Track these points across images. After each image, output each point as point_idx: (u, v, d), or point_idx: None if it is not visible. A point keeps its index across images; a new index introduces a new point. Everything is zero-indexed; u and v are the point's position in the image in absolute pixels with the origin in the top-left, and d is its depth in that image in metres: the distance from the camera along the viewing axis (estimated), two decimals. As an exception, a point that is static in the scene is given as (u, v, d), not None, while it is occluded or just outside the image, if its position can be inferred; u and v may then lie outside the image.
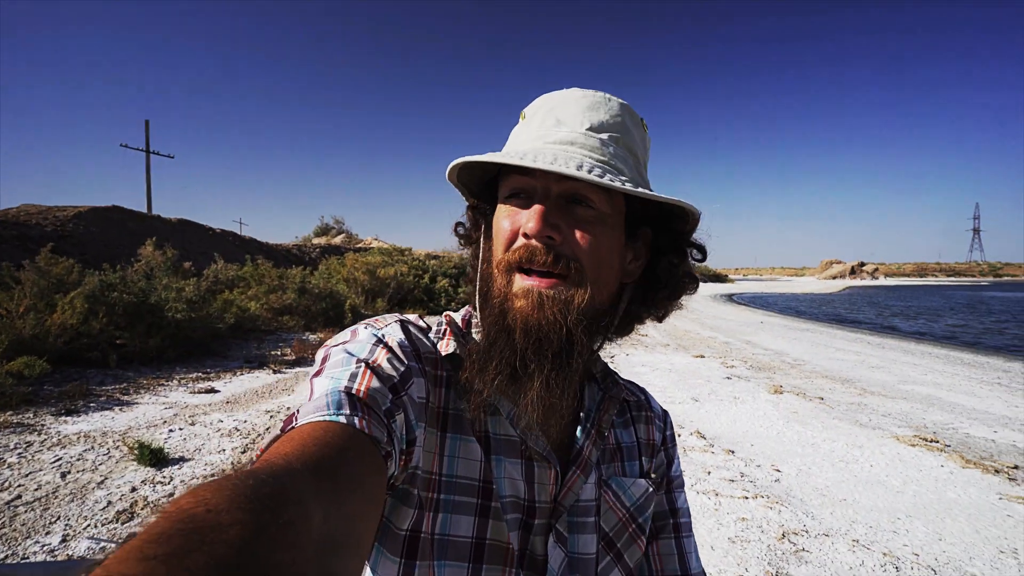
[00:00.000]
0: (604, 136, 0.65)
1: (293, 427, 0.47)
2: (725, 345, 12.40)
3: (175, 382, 6.78)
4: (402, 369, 0.59)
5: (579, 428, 0.72)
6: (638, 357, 9.99)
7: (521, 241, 0.63)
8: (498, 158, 0.61)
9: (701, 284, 0.79)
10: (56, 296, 7.12)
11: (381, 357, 0.59)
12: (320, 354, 0.62)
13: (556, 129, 0.65)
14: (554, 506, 0.67)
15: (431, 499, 0.62)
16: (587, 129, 0.65)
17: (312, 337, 10.64)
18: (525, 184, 0.65)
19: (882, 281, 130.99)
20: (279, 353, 9.07)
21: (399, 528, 0.60)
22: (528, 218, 0.62)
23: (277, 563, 0.28)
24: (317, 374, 0.57)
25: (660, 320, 0.75)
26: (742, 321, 19.71)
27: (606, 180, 0.59)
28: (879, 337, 16.31)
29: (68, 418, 5.09)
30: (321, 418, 0.47)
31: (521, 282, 0.63)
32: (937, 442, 5.22)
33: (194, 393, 6.28)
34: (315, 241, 32.30)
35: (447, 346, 0.69)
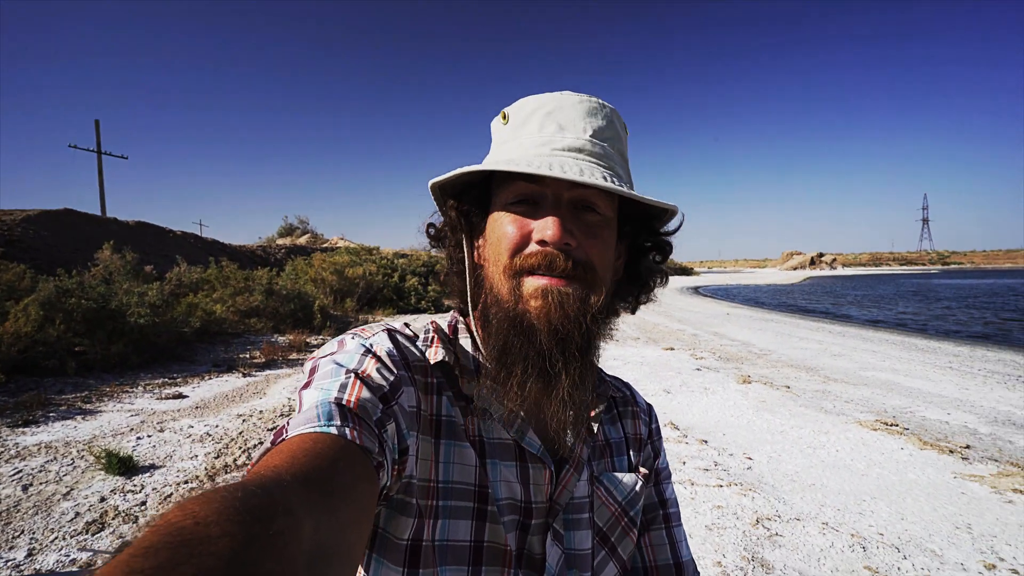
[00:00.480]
0: (605, 143, 0.67)
1: (283, 439, 0.46)
2: (694, 337, 12.68)
3: (140, 389, 6.55)
4: (391, 379, 0.59)
5: (570, 427, 0.74)
6: (610, 351, 10.12)
7: (535, 248, 0.63)
8: (524, 168, 0.61)
9: (668, 277, 0.83)
10: (7, 303, 6.80)
11: (370, 367, 0.59)
12: (308, 366, 0.61)
13: (560, 135, 0.65)
14: (550, 505, 0.68)
15: (431, 506, 0.62)
16: (590, 136, 0.66)
17: (281, 339, 10.43)
18: (533, 191, 0.65)
19: (840, 271, 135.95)
20: (248, 356, 8.86)
21: (399, 538, 0.60)
22: (546, 226, 0.62)
23: (267, 574, 0.29)
24: (306, 386, 0.57)
25: (632, 312, 0.78)
26: (709, 313, 20.19)
27: (625, 189, 0.61)
28: (839, 325, 16.95)
29: (26, 429, 4.87)
30: (311, 429, 0.47)
31: (535, 282, 0.63)
32: (896, 426, 5.48)
33: (161, 399, 6.09)
34: (280, 242, 31.60)
35: (436, 354, 0.69)
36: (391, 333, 0.67)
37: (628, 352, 10.13)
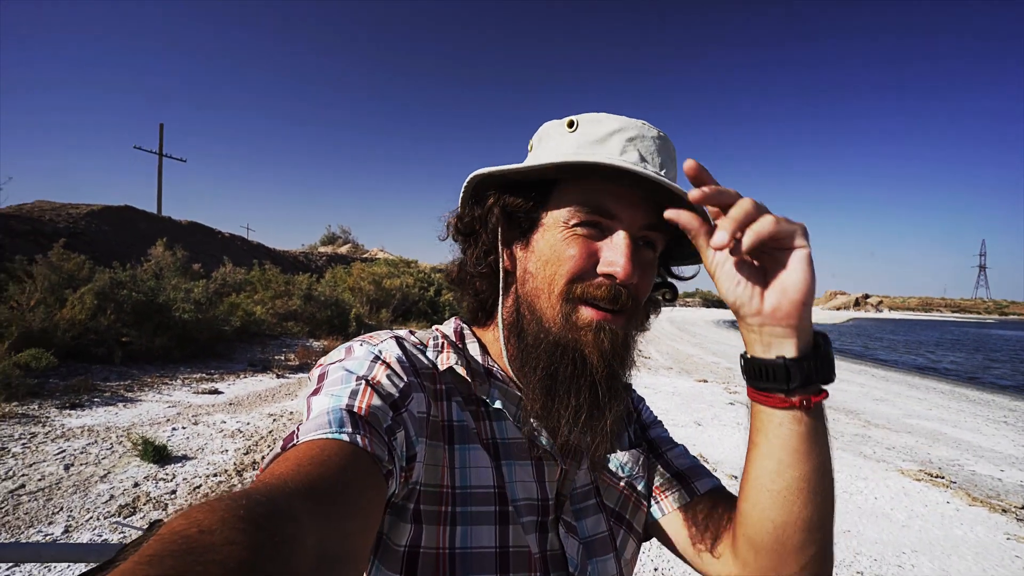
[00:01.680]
0: (669, 180, 0.65)
1: (294, 445, 0.46)
2: (728, 371, 12.34)
3: (179, 382, 6.80)
4: (401, 385, 0.59)
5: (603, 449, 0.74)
6: (642, 379, 9.94)
7: (600, 280, 0.63)
8: (633, 167, 0.60)
9: (704, 309, 0.82)
10: (66, 291, 7.19)
11: (380, 374, 0.59)
12: (316, 372, 0.61)
13: (643, 166, 0.63)
14: (558, 499, 0.69)
15: (444, 513, 0.61)
16: (664, 174, 0.66)
17: (316, 344, 10.66)
18: (609, 208, 0.64)
19: (886, 314, 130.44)
20: (283, 358, 9.09)
21: (397, 544, 0.59)
22: (616, 261, 0.62)
23: None
24: (315, 392, 0.56)
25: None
26: (745, 348, 19.61)
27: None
28: (883, 370, 16.20)
29: (72, 411, 5.11)
30: (322, 436, 0.47)
31: (591, 314, 0.63)
32: (943, 478, 5.17)
33: (198, 393, 6.29)
34: (321, 249, 32.46)
35: (447, 359, 0.68)
36: (399, 340, 0.67)
37: (660, 381, 9.93)
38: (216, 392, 6.43)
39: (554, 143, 0.69)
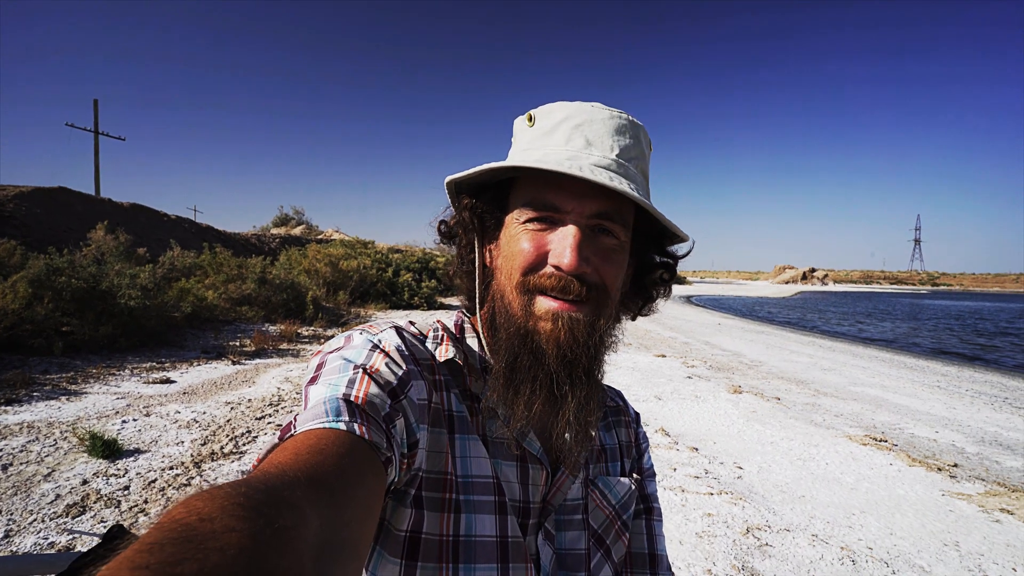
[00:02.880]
0: (629, 164, 0.66)
1: (291, 435, 0.46)
2: (685, 345, 12.71)
3: (127, 372, 6.47)
4: (400, 373, 0.59)
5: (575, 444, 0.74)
6: (603, 355, 10.13)
7: (550, 270, 0.64)
8: (554, 167, 0.60)
9: None
10: (-4, 279, 6.69)
11: (379, 362, 0.59)
12: (315, 361, 0.61)
13: (587, 151, 0.64)
14: (543, 506, 0.69)
15: (449, 500, 0.62)
16: (616, 155, 0.65)
17: (272, 329, 10.35)
18: (551, 206, 0.64)
19: (832, 287, 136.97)
20: (238, 344, 8.78)
21: (398, 529, 0.60)
22: (563, 252, 0.62)
23: (272, 568, 0.28)
24: (312, 381, 0.57)
25: (632, 319, 0.80)
26: (701, 322, 20.26)
27: (652, 207, 0.63)
28: (829, 340, 17.05)
29: (9, 407, 4.80)
30: (319, 425, 0.47)
31: (546, 304, 0.64)
32: (886, 441, 5.50)
33: (148, 383, 6.01)
34: (274, 231, 31.39)
35: (446, 351, 0.69)
36: (399, 330, 0.67)
37: (620, 357, 10.13)
38: (168, 381, 6.16)
39: (520, 138, 0.72)
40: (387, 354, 0.60)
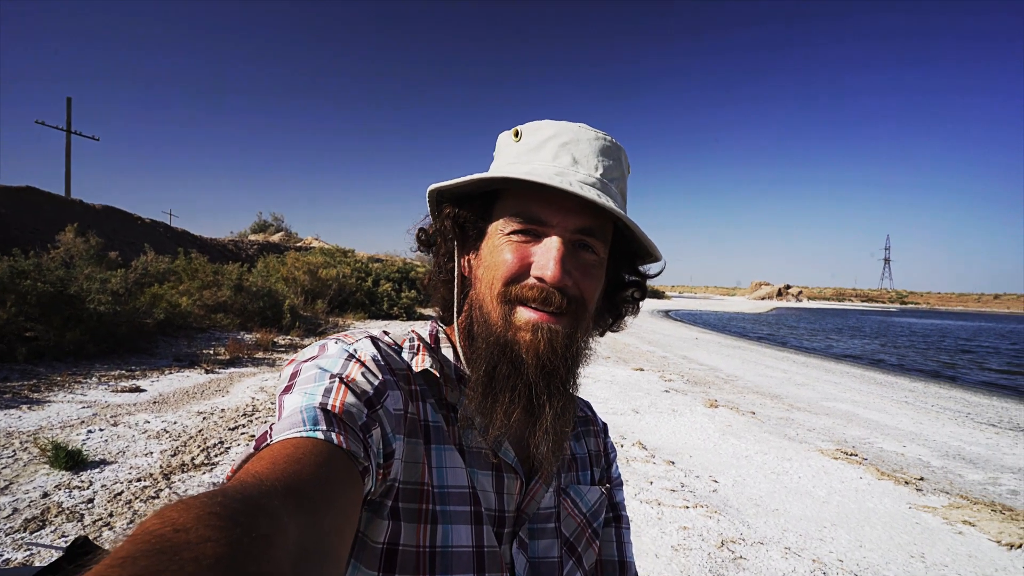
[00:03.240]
0: (611, 184, 0.69)
1: (267, 445, 0.46)
2: (663, 359, 12.84)
3: (95, 380, 6.28)
4: (376, 383, 0.59)
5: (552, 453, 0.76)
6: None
7: (533, 281, 0.65)
8: (546, 180, 0.62)
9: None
10: (-43, 281, 6.46)
11: (355, 372, 0.59)
12: (288, 370, 0.61)
13: (574, 169, 0.66)
14: (517, 515, 0.70)
15: (425, 511, 0.62)
16: (600, 174, 0.67)
17: (248, 337, 10.15)
18: (537, 220, 0.65)
19: (806, 303, 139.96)
20: (212, 352, 8.59)
21: (375, 541, 0.59)
22: (547, 264, 0.63)
23: None
24: (287, 390, 0.56)
25: (601, 335, 0.81)
26: (679, 337, 20.49)
27: (638, 226, 0.65)
28: (803, 356, 17.39)
29: (-33, 416, 4.60)
30: (297, 434, 0.46)
31: (527, 315, 0.65)
32: (856, 455, 5.62)
33: (117, 392, 5.84)
34: (252, 238, 30.90)
35: (422, 361, 0.69)
36: (374, 340, 0.67)
37: (598, 371, 10.18)
38: (138, 390, 5.99)
39: (505, 152, 0.73)
40: (363, 364, 0.60)
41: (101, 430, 4.57)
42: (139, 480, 3.65)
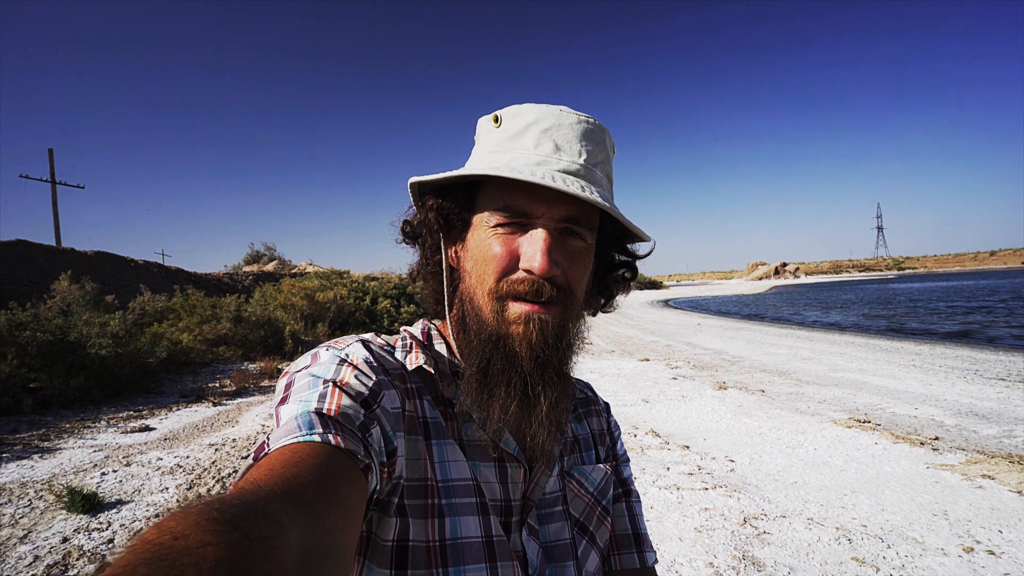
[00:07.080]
0: (596, 168, 0.68)
1: (265, 454, 0.46)
2: (667, 348, 12.84)
3: (103, 423, 6.25)
4: (370, 384, 0.59)
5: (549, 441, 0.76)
6: (587, 364, 10.16)
7: (522, 274, 0.65)
8: (528, 177, 0.61)
9: (638, 292, 0.85)
10: (-44, 339, 6.44)
11: (348, 375, 0.59)
12: (283, 381, 0.61)
13: (556, 156, 0.65)
14: (523, 502, 0.70)
15: (431, 505, 0.62)
16: (584, 160, 0.66)
17: (252, 367, 10.13)
18: (522, 212, 0.65)
19: (804, 279, 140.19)
20: (218, 385, 8.57)
21: (385, 540, 0.59)
22: (534, 255, 0.63)
23: None
24: (283, 401, 0.57)
25: (593, 315, 0.81)
26: (680, 324, 20.50)
27: (622, 215, 0.65)
28: (806, 331, 17.41)
29: (-21, 471, 4.58)
30: (294, 440, 0.46)
31: (519, 308, 0.65)
32: (869, 422, 5.63)
33: (126, 433, 5.82)
34: (246, 269, 30.89)
35: (416, 359, 0.69)
36: (365, 343, 0.67)
37: (604, 365, 10.18)
38: (147, 429, 5.96)
39: (486, 139, 0.72)
40: (356, 367, 0.61)
41: (115, 471, 4.56)
42: (157, 516, 3.64)
